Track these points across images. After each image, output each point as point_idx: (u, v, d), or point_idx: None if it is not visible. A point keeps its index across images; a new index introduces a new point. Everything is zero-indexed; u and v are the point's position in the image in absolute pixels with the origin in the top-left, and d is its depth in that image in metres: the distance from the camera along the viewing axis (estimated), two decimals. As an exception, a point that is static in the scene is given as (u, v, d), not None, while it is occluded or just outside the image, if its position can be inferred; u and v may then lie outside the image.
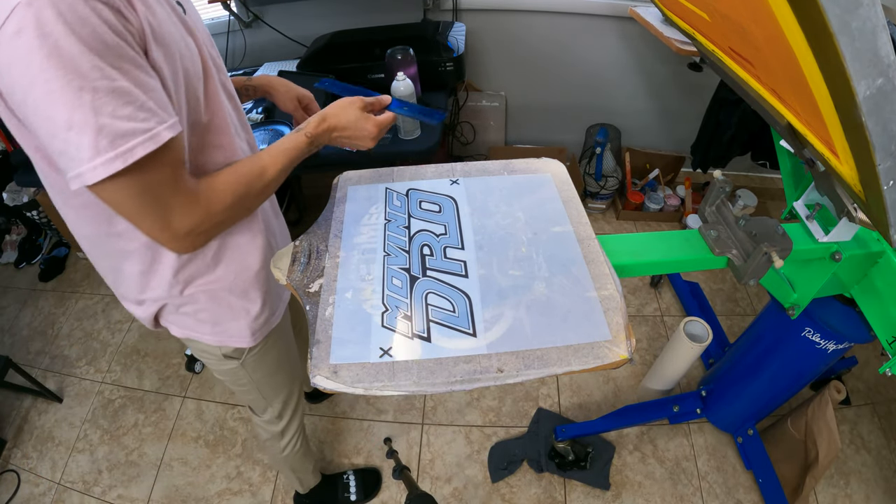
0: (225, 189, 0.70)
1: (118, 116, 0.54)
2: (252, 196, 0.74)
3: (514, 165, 0.98)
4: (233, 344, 0.94)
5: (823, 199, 0.88)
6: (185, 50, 0.68)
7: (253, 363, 1.01)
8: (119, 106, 0.54)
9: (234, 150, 0.80)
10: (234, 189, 0.71)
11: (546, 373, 0.64)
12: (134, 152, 0.56)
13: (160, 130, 0.58)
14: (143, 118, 0.56)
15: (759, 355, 1.37)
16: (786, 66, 0.56)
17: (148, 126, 0.57)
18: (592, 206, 2.53)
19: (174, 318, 0.89)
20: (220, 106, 0.77)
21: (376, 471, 1.66)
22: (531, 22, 2.13)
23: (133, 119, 0.55)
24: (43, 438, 1.85)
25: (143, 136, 0.56)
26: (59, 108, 0.52)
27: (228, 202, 0.70)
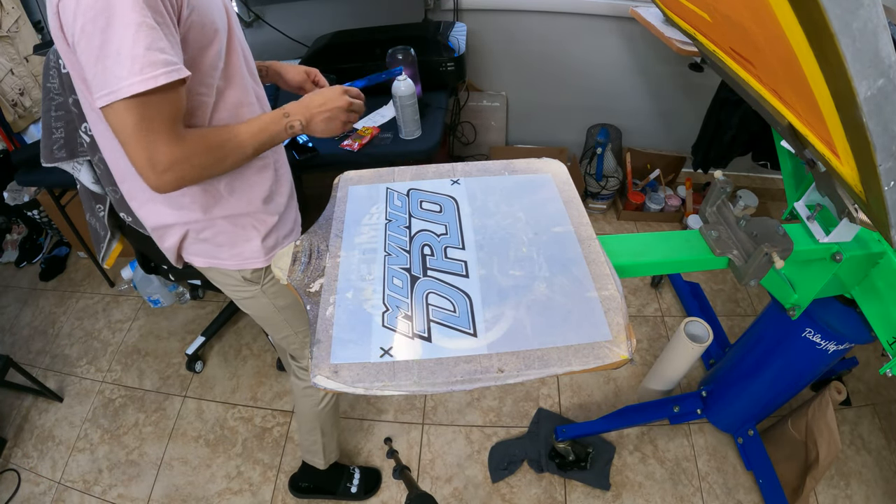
0: (203, 142, 0.79)
1: (153, 48, 0.67)
2: (227, 155, 0.82)
3: (514, 165, 0.97)
4: (249, 266, 1.02)
5: (824, 200, 0.88)
6: (215, 5, 0.81)
7: (273, 289, 1.07)
8: (155, 40, 0.67)
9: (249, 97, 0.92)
10: (211, 143, 0.80)
11: (546, 373, 0.64)
12: (158, 79, 0.68)
13: (181, 67, 0.70)
14: (172, 55, 0.69)
15: (760, 356, 1.37)
16: (787, 66, 0.56)
17: (173, 60, 0.69)
18: (593, 207, 2.53)
19: (195, 248, 1.00)
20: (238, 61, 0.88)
21: (377, 472, 1.66)
22: (532, 22, 2.13)
23: (166, 51, 0.68)
24: (43, 438, 1.85)
25: (166, 68, 0.68)
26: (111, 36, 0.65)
27: (203, 153, 0.78)
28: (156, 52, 0.67)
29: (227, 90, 0.88)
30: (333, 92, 0.92)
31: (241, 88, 0.90)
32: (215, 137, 0.80)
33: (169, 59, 0.68)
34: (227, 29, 0.84)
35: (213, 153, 0.80)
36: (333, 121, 0.92)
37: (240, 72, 0.89)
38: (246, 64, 0.93)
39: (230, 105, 0.89)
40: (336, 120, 0.92)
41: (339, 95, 0.92)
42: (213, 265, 1.02)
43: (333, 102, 0.91)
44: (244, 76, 0.91)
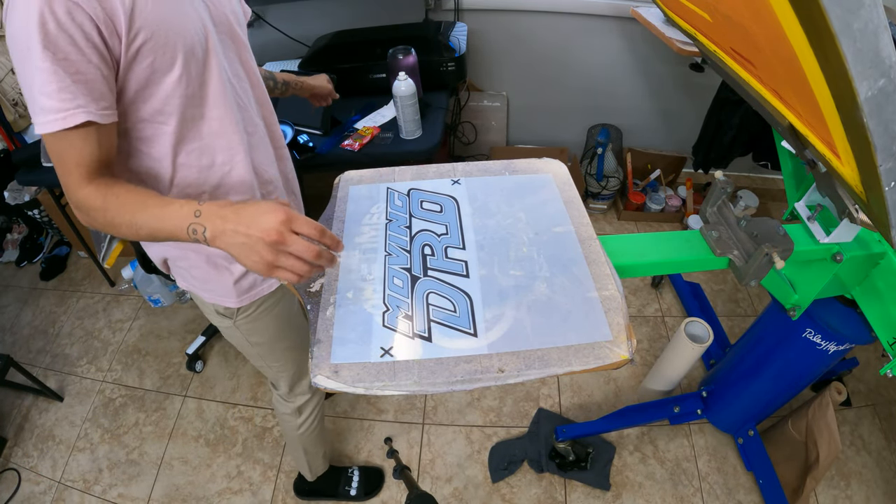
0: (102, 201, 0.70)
1: (43, 93, 0.62)
2: (118, 225, 0.71)
3: (515, 165, 0.97)
4: (221, 303, 0.98)
5: (825, 200, 0.88)
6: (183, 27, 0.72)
7: (246, 326, 1.04)
8: (45, 84, 0.62)
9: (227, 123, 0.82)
10: (107, 207, 0.70)
11: (547, 373, 0.64)
12: (46, 126, 0.64)
13: (76, 113, 0.64)
14: (63, 98, 0.63)
15: (760, 356, 1.37)
16: (787, 66, 0.56)
17: (65, 106, 0.63)
18: (594, 207, 2.53)
19: (175, 271, 0.98)
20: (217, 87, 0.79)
21: (380, 471, 1.66)
22: (533, 22, 2.13)
23: (53, 97, 0.63)
24: (44, 437, 1.85)
25: (54, 116, 0.64)
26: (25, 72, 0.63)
27: (99, 212, 0.70)
28: (45, 98, 0.62)
29: (201, 120, 0.79)
30: (269, 213, 0.62)
31: (220, 119, 0.81)
32: (115, 204, 0.69)
33: (59, 106, 0.63)
34: (203, 51, 0.75)
35: (106, 217, 0.70)
36: (250, 252, 0.63)
37: (220, 100, 0.80)
38: (234, 89, 0.84)
39: (205, 135, 0.81)
40: (254, 252, 0.63)
41: (274, 221, 0.62)
42: (191, 290, 1.00)
43: (259, 227, 0.62)
44: (227, 105, 0.81)
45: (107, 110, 0.67)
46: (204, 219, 0.66)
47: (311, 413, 1.30)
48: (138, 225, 0.69)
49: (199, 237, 0.66)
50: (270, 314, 1.05)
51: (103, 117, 0.67)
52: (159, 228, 0.69)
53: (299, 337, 1.17)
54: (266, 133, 0.95)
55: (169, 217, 0.67)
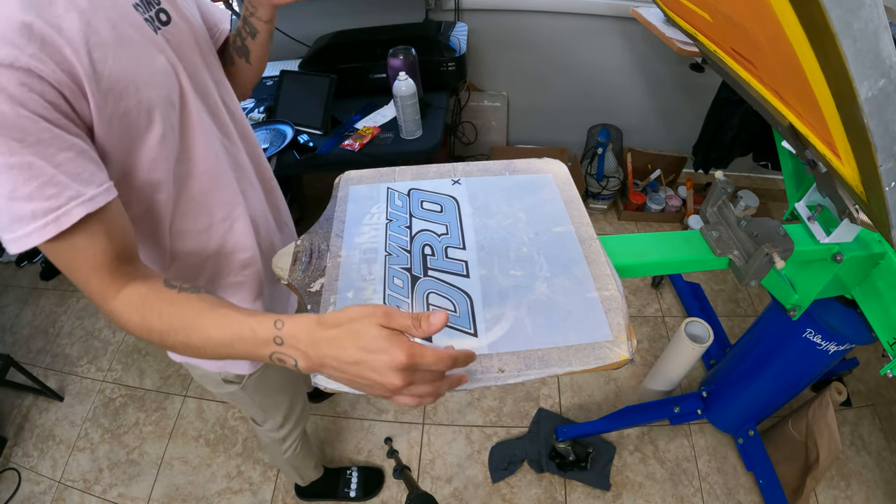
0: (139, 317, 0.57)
1: (16, 197, 0.49)
2: (170, 344, 0.58)
3: (515, 166, 0.97)
4: (233, 371, 0.94)
5: (825, 201, 0.88)
6: (151, 76, 0.61)
7: (253, 385, 1.00)
8: (19, 184, 0.48)
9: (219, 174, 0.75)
10: (150, 325, 0.57)
11: (547, 373, 0.64)
12: (30, 238, 0.50)
13: (70, 209, 0.51)
14: (49, 195, 0.50)
15: (761, 356, 1.37)
16: (787, 66, 0.56)
17: (53, 204, 0.50)
18: (594, 207, 2.53)
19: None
20: (200, 138, 0.70)
21: (380, 470, 1.66)
22: (533, 22, 2.13)
23: (34, 198, 0.49)
24: (44, 437, 1.85)
25: (43, 220, 0.50)
26: None
27: (142, 333, 0.58)
28: (22, 203, 0.49)
29: (190, 178, 0.71)
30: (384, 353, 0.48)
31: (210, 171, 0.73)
32: (158, 324, 0.57)
33: (46, 207, 0.50)
34: (179, 97, 0.66)
35: (152, 337, 0.58)
36: (361, 388, 0.53)
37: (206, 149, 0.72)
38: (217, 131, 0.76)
39: (197, 193, 0.72)
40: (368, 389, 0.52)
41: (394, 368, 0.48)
42: (191, 362, 0.90)
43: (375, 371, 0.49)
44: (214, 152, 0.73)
45: (103, 185, 0.54)
46: (289, 349, 0.53)
47: (295, 439, 1.27)
48: (199, 350, 0.57)
49: (289, 366, 0.54)
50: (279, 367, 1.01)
51: (105, 195, 0.54)
52: (230, 354, 0.56)
53: (296, 382, 1.15)
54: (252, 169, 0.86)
55: (242, 343, 0.55)
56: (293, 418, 1.20)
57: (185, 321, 0.56)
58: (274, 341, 0.53)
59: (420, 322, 0.51)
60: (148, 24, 0.63)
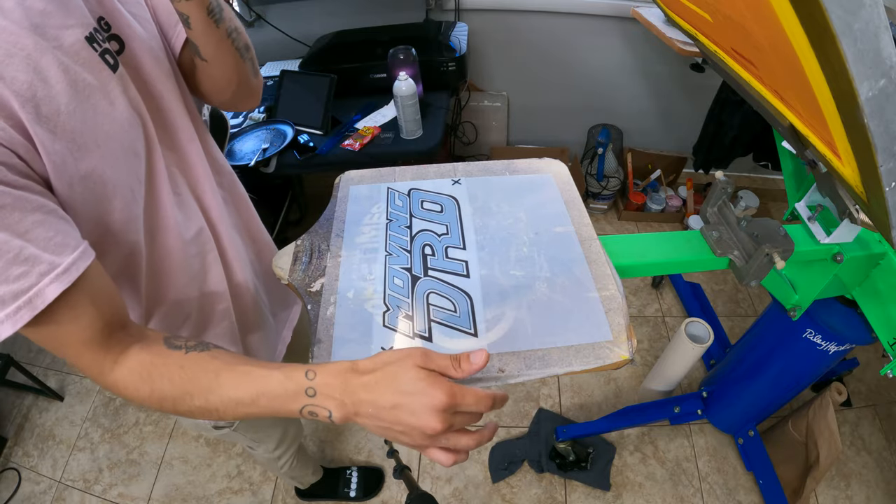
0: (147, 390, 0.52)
1: None
2: (187, 414, 0.53)
3: (515, 166, 0.97)
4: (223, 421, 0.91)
5: (825, 201, 0.88)
6: (112, 127, 0.54)
7: (246, 425, 0.97)
8: None
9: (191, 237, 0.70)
10: (161, 396, 0.52)
11: (547, 373, 0.64)
12: (3, 327, 0.44)
13: (42, 287, 0.44)
14: (17, 275, 0.43)
15: (761, 357, 1.36)
16: (788, 67, 0.56)
17: (24, 286, 0.44)
18: (594, 207, 2.53)
19: None
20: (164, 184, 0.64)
21: (379, 470, 1.66)
22: (533, 22, 2.13)
23: (3, 280, 0.43)
24: (44, 437, 1.85)
25: (13, 305, 0.44)
26: None
27: (151, 403, 0.53)
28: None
29: (158, 232, 0.65)
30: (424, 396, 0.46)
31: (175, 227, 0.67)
32: (170, 391, 0.52)
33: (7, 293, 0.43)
34: (143, 152, 0.60)
35: (164, 406, 0.53)
36: (398, 437, 0.49)
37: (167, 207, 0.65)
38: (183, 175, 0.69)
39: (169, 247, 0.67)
40: (405, 438, 0.49)
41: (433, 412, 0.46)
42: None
43: (414, 416, 0.46)
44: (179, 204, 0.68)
45: (78, 248, 0.47)
46: (323, 400, 0.49)
47: (290, 456, 1.27)
48: (220, 412, 0.52)
49: (322, 419, 0.50)
50: None
51: (83, 259, 0.47)
52: (256, 413, 0.52)
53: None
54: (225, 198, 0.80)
55: (268, 398, 0.50)
56: (286, 442, 1.20)
57: (200, 384, 0.52)
58: (306, 393, 0.49)
59: (459, 362, 0.49)
60: (104, 61, 0.54)
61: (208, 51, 0.67)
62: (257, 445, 1.14)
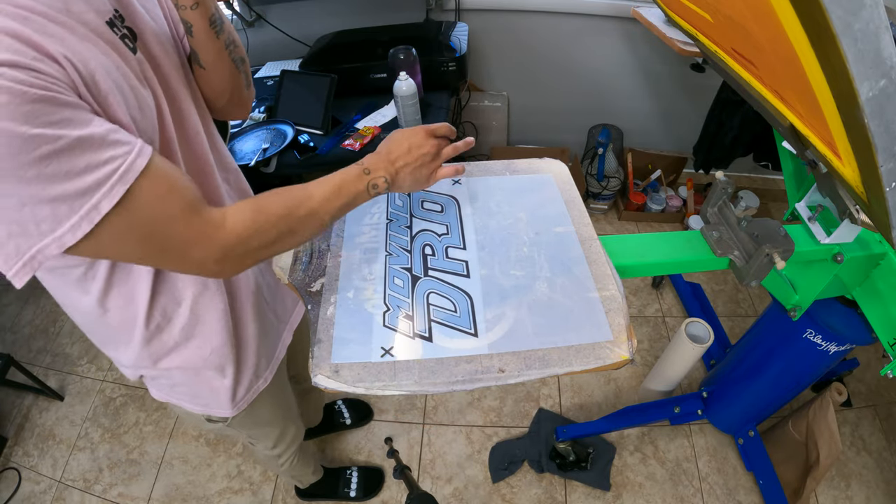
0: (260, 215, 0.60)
1: (72, 174, 0.46)
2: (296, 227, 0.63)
3: (516, 166, 0.98)
4: (215, 414, 0.91)
5: (825, 201, 0.88)
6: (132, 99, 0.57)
7: (240, 422, 0.96)
8: (70, 160, 0.45)
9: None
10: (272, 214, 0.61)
11: (547, 373, 0.64)
12: (100, 208, 0.47)
13: (128, 163, 0.49)
14: (104, 160, 0.47)
15: (761, 357, 1.37)
16: (788, 67, 0.56)
17: (112, 168, 0.48)
18: (594, 207, 2.53)
19: (153, 384, 0.88)
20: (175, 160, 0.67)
21: (380, 470, 1.66)
22: (534, 22, 2.13)
23: (91, 169, 0.47)
24: (44, 436, 1.85)
25: (106, 186, 0.47)
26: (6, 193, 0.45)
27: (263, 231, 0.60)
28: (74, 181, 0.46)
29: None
30: (417, 136, 0.74)
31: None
32: (276, 206, 0.62)
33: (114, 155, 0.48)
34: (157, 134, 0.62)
35: (279, 229, 0.61)
36: (421, 171, 0.75)
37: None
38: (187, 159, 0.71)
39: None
40: (424, 169, 0.75)
41: (425, 139, 0.75)
42: (173, 402, 0.89)
43: (420, 149, 0.74)
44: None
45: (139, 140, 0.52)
46: (377, 172, 0.70)
47: (290, 455, 1.26)
48: (320, 213, 0.65)
49: (381, 189, 0.71)
50: (266, 402, 0.98)
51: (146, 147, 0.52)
52: (342, 204, 0.67)
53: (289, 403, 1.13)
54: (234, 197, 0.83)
55: (344, 187, 0.68)
56: (285, 442, 1.19)
57: (298, 197, 0.64)
58: (364, 172, 0.70)
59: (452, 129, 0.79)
60: (125, 44, 0.59)
61: (207, 59, 0.73)
62: (256, 442, 1.15)
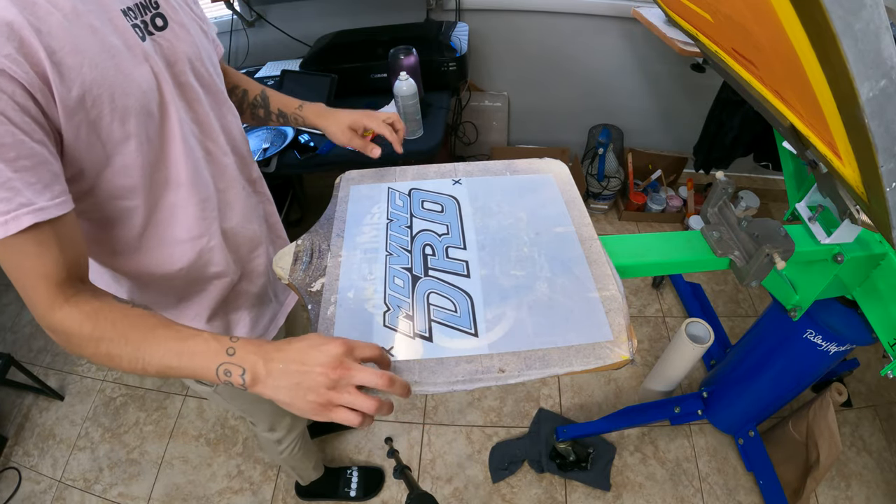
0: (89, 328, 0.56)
1: None
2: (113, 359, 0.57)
3: (516, 166, 0.98)
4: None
5: (826, 201, 0.88)
6: (129, 85, 0.59)
7: (227, 393, 0.98)
8: None
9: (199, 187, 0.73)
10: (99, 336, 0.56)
11: (548, 373, 0.64)
12: None
13: (19, 215, 0.50)
14: (2, 198, 0.50)
15: (761, 357, 1.36)
16: (788, 67, 0.56)
17: (3, 208, 0.50)
18: (595, 207, 2.53)
19: None
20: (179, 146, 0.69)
21: (380, 471, 1.66)
22: (534, 22, 2.13)
23: None
24: (44, 436, 1.86)
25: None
26: None
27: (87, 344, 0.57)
28: None
29: (167, 187, 0.70)
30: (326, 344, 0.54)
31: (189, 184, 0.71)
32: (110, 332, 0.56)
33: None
34: (159, 109, 0.65)
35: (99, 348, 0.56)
36: (305, 392, 0.53)
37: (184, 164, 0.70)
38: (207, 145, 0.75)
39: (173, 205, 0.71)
40: (311, 392, 0.53)
41: (334, 351, 0.54)
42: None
43: (316, 361, 0.53)
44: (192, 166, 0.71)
45: (60, 198, 0.54)
46: (240, 358, 0.55)
47: (291, 441, 1.27)
48: (145, 361, 0.56)
49: (235, 380, 0.55)
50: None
51: (58, 207, 0.53)
52: (176, 367, 0.56)
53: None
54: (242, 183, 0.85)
55: (191, 354, 0.55)
56: (282, 427, 1.20)
57: (137, 333, 0.57)
58: (226, 352, 0.55)
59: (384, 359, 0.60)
60: (137, 30, 0.62)
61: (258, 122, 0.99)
62: (255, 424, 1.16)
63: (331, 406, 0.53)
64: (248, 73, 1.97)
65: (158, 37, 0.66)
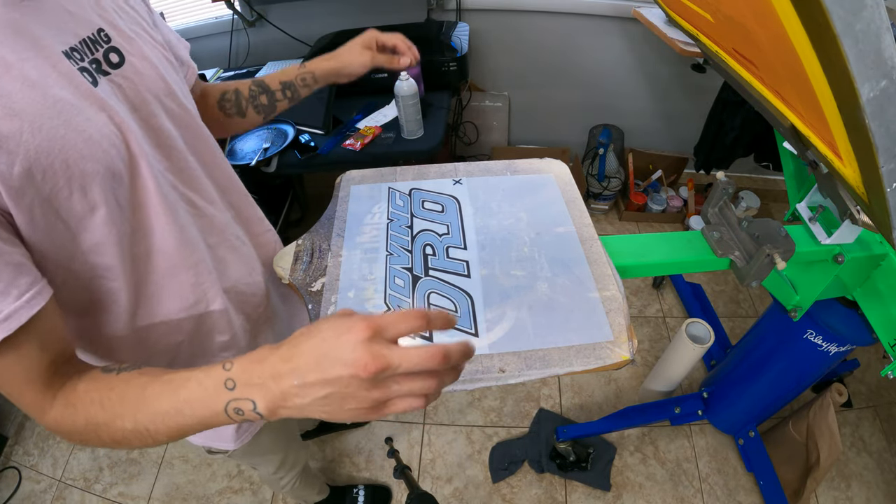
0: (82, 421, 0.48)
1: None
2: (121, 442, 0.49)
3: (516, 166, 0.98)
4: (217, 447, 0.90)
5: (826, 202, 0.88)
6: (85, 145, 0.48)
7: (241, 453, 0.94)
8: None
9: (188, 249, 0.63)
10: (95, 423, 0.48)
11: (548, 373, 0.64)
12: None
13: None
14: None
15: (761, 357, 1.36)
16: (789, 67, 0.56)
17: None
18: (595, 207, 2.53)
19: None
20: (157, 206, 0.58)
21: (387, 489, 1.64)
22: (535, 22, 2.13)
23: None
24: (44, 435, 1.86)
25: None
26: None
27: (88, 436, 0.49)
28: None
29: (151, 258, 0.60)
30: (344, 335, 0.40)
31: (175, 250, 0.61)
32: (102, 416, 0.48)
33: None
34: (125, 172, 0.54)
35: (101, 436, 0.48)
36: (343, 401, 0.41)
37: (167, 227, 0.60)
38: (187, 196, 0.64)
39: (162, 275, 0.62)
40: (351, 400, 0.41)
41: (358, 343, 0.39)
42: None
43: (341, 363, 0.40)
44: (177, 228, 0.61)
45: (29, 291, 0.45)
46: (244, 391, 0.43)
47: (293, 477, 1.25)
48: (149, 431, 0.47)
49: (250, 416, 0.44)
50: (268, 431, 0.96)
51: (30, 306, 0.45)
52: (184, 425, 0.46)
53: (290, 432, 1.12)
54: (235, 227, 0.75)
55: (189, 405, 0.45)
56: (287, 466, 1.18)
57: (128, 403, 0.47)
58: (225, 386, 0.44)
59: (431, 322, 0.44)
60: (85, 74, 0.50)
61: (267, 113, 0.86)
62: (259, 467, 1.14)
63: (380, 405, 0.42)
64: (249, 74, 1.97)
65: (116, 76, 0.54)
